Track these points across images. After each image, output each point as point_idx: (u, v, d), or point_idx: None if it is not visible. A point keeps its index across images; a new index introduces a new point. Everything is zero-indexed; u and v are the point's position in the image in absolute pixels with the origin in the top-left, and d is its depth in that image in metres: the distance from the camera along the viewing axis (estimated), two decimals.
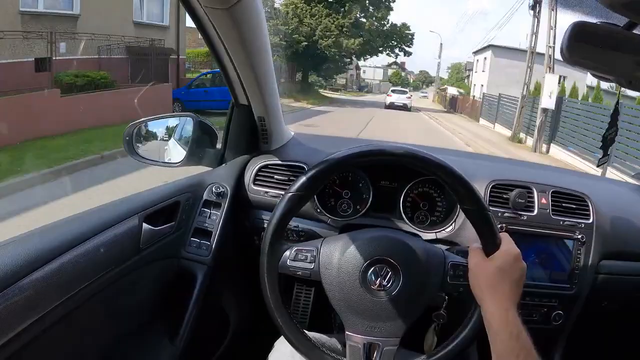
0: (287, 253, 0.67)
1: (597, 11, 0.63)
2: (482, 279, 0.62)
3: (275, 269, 0.66)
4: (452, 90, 31.10)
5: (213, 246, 0.91)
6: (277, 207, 0.66)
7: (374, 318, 0.64)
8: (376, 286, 0.64)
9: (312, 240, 0.70)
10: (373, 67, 55.71)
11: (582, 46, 0.59)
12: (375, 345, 0.64)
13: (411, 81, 69.71)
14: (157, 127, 1.03)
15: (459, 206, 0.88)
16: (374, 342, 0.64)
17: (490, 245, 0.64)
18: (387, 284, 0.65)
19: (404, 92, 23.99)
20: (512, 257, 0.62)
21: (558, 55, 0.65)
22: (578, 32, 0.59)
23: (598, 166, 1.08)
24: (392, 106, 21.12)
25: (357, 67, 40.56)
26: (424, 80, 70.81)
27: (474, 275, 0.63)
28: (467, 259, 0.66)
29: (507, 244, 0.64)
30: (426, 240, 0.85)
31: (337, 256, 0.66)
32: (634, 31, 0.63)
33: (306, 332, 0.68)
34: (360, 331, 0.64)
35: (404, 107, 21.25)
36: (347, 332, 0.65)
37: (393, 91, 23.90)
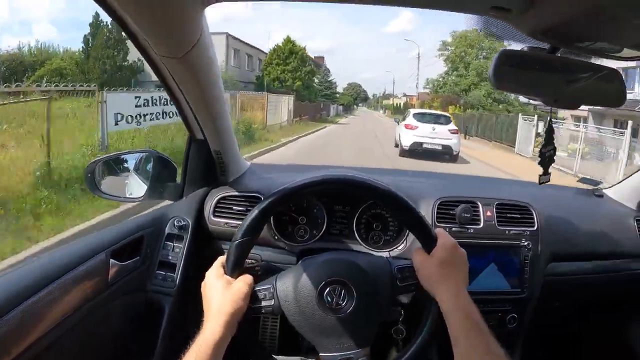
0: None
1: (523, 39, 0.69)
2: (429, 274, 0.67)
3: None
4: None
5: (178, 278, 0.93)
6: (228, 256, 0.70)
7: (340, 334, 0.67)
8: (334, 305, 0.68)
9: (267, 279, 0.72)
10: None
11: (509, 71, 0.65)
12: (350, 359, 0.67)
13: (339, 96, 44.83)
14: (118, 163, 1.05)
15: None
16: (348, 356, 0.67)
17: (428, 243, 0.69)
18: (343, 302, 0.68)
19: (444, 120, 10.44)
20: (450, 247, 0.68)
21: None
22: (505, 59, 0.64)
23: (540, 184, 1.15)
24: (417, 150, 9.74)
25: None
26: (356, 97, 51.49)
27: (421, 272, 0.68)
28: (412, 262, 0.71)
29: (443, 237, 0.70)
30: None
31: (292, 287, 0.69)
32: (557, 54, 0.69)
33: (275, 357, 0.71)
34: (332, 350, 0.67)
35: (445, 153, 9.81)
36: (320, 355, 0.67)
37: (417, 116, 10.52)
